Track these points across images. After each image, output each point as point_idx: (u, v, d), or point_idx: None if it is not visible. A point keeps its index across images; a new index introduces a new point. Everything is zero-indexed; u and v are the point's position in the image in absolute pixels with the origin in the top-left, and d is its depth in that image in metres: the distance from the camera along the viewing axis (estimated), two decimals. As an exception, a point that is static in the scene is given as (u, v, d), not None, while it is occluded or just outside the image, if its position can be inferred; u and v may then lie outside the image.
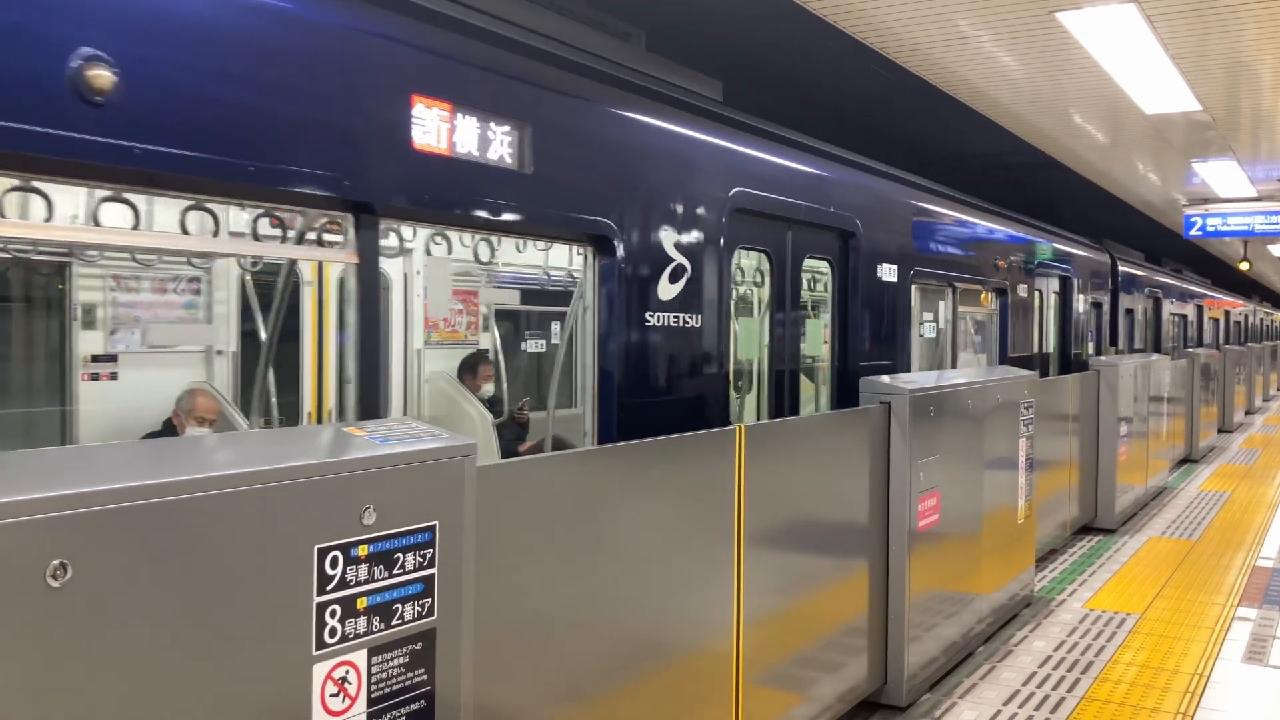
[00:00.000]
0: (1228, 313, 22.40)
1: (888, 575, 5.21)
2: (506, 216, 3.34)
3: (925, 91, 8.23)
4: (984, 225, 7.93)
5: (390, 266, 5.71)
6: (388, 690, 2.34)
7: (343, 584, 2.23)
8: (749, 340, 5.06)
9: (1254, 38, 6.90)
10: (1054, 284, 9.85)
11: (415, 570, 2.39)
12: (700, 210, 4.26)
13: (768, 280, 5.05)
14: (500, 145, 3.29)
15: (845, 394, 5.41)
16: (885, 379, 5.36)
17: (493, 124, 3.25)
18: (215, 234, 3.18)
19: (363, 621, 2.28)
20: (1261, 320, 32.24)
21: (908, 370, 6.21)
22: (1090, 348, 10.81)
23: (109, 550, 1.83)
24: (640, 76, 4.37)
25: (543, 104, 3.50)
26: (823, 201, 5.28)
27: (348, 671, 2.25)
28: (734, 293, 4.67)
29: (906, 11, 6.43)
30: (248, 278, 5.05)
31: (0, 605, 1.70)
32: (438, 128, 3.07)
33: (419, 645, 2.41)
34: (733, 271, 4.55)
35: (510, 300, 6.81)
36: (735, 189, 4.48)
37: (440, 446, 2.47)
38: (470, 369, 6.04)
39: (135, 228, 3.14)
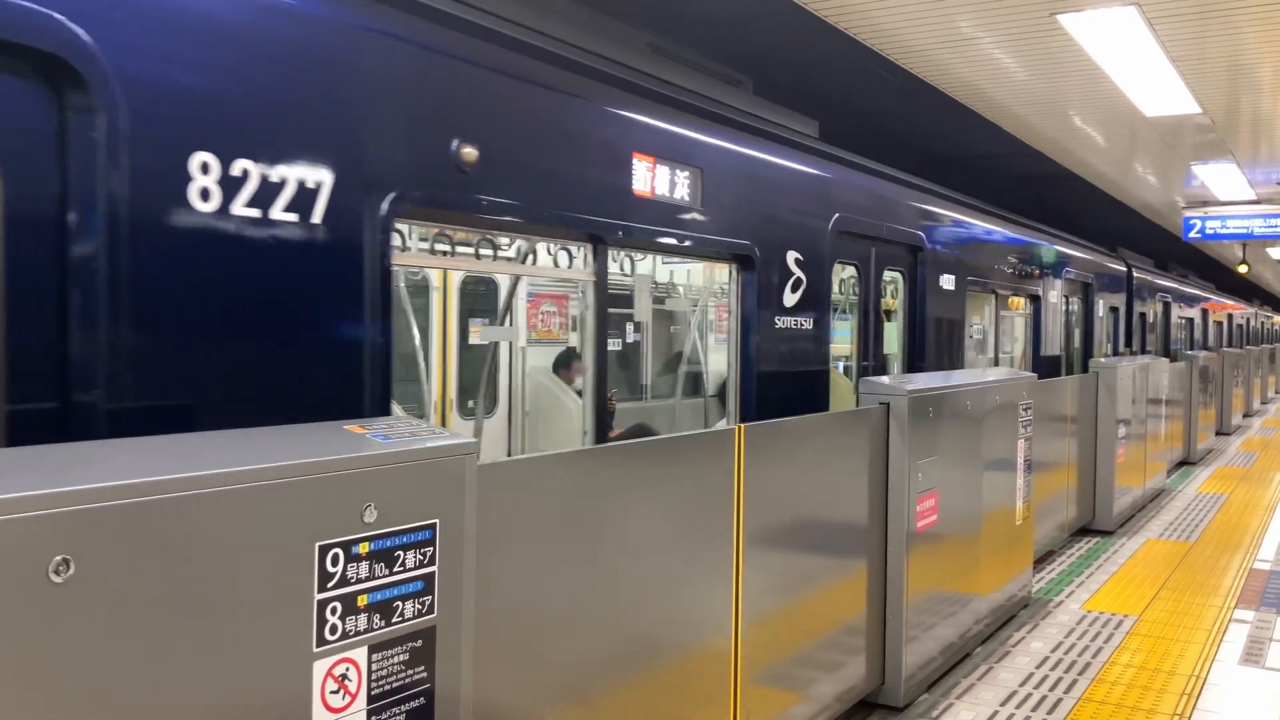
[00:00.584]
0: (1230, 316, 23.83)
1: (886, 575, 5.22)
2: (685, 243, 4.40)
3: (971, 122, 9.31)
4: (1022, 238, 8.90)
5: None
6: (388, 687, 2.35)
7: (343, 581, 2.24)
8: (843, 338, 5.90)
9: (1254, 41, 6.91)
10: (1078, 291, 10.87)
11: (416, 568, 2.40)
12: (813, 233, 5.25)
13: (856, 289, 6.02)
14: (682, 187, 4.34)
15: None
16: (884, 379, 5.37)
17: (678, 171, 4.34)
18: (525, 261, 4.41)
19: (363, 619, 2.28)
20: (1262, 323, 33.07)
21: (962, 364, 7.34)
22: (1108, 348, 11.84)
23: (111, 546, 1.84)
24: (755, 119, 5.40)
25: (707, 153, 4.56)
26: (898, 221, 6.21)
27: (348, 669, 2.26)
28: (833, 299, 5.57)
29: (907, 13, 6.44)
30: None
31: (3, 601, 1.70)
32: (646, 176, 4.15)
33: (419, 643, 2.41)
34: (833, 282, 5.50)
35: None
36: (836, 214, 5.46)
37: (441, 445, 2.48)
38: (564, 364, 7.03)
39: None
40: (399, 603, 2.36)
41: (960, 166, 12.27)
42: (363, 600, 2.28)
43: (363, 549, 2.28)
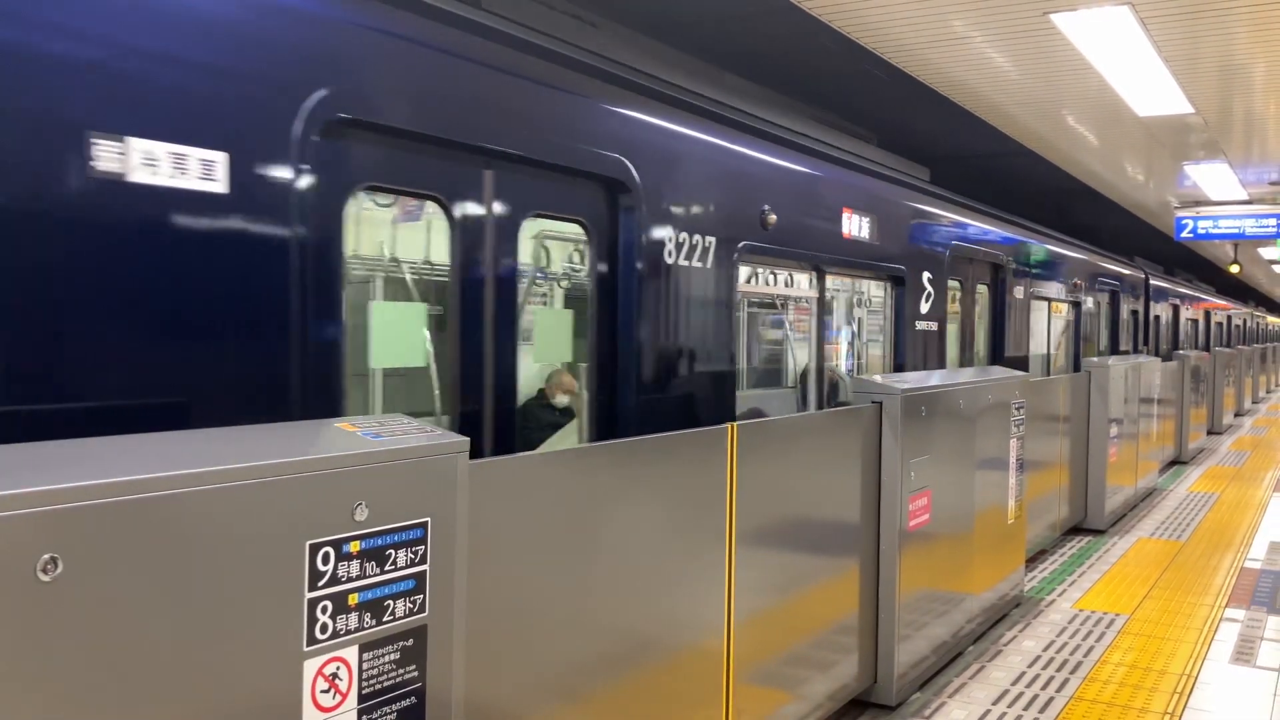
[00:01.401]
0: (1229, 317, 25.87)
1: (878, 574, 5.22)
2: (866, 269, 6.10)
3: (1009, 146, 10.91)
4: (1066, 254, 10.78)
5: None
6: (379, 686, 2.34)
7: (334, 580, 2.23)
8: (951, 339, 7.43)
9: (1246, 41, 6.93)
10: (1106, 297, 12.62)
11: (407, 567, 2.39)
12: (937, 257, 6.97)
13: (960, 300, 7.76)
14: (865, 229, 5.91)
15: None
16: (877, 378, 5.38)
17: (865, 217, 5.90)
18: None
19: (354, 618, 2.27)
20: (1257, 323, 34.95)
21: (1028, 357, 9.14)
22: (1129, 346, 13.86)
23: (100, 545, 1.83)
24: (896, 172, 7.13)
25: (878, 203, 6.09)
26: (986, 245, 8.08)
27: (339, 668, 2.25)
28: (948, 308, 7.23)
29: (900, 11, 6.44)
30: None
31: None
32: (849, 223, 5.70)
33: (410, 642, 2.40)
34: (948, 294, 7.19)
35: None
36: (953, 242, 7.27)
37: (433, 443, 2.47)
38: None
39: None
40: (390, 601, 2.35)
41: (990, 180, 13.50)
42: (353, 599, 2.27)
43: (353, 547, 2.27)
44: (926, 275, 6.73)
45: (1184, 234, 15.31)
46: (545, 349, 4.07)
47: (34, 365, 2.18)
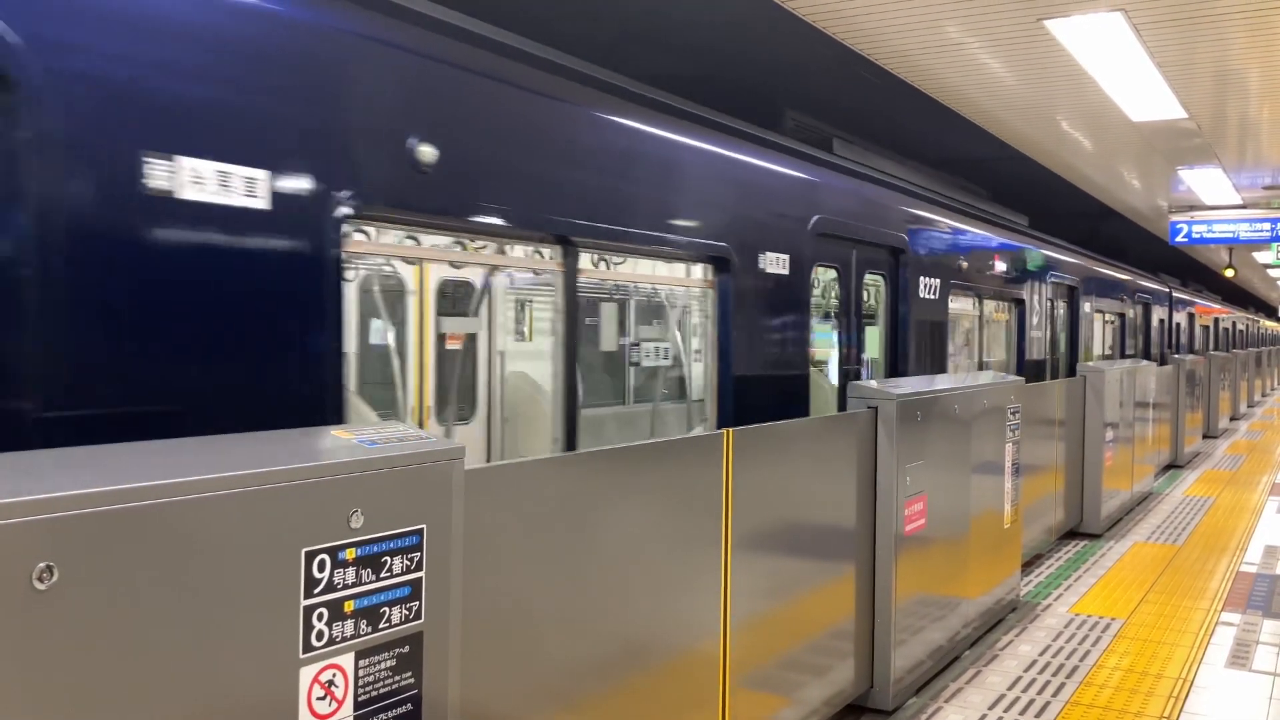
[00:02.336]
0: (1234, 322, 30.62)
1: (874, 579, 5.23)
2: (1004, 297, 9.02)
3: (1042, 174, 12.95)
4: (1115, 273, 13.81)
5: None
6: (374, 694, 2.34)
7: (330, 587, 2.23)
8: (1045, 341, 10.52)
9: (1240, 47, 6.95)
10: (1141, 308, 15.83)
11: (403, 573, 2.39)
12: (1046, 284, 10.42)
13: (1052, 315, 10.73)
14: (1005, 267, 8.62)
15: (1070, 370, 11.23)
16: (873, 383, 5.39)
17: (1004, 262, 8.80)
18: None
19: (350, 625, 2.28)
20: (1257, 327, 40.19)
21: (1091, 357, 12.12)
22: (1156, 348, 17.17)
23: (96, 553, 1.83)
24: (995, 216, 9.76)
25: (1012, 250, 9.04)
26: (1071, 274, 11.41)
27: (334, 675, 2.25)
28: (1045, 319, 10.35)
29: (894, 18, 6.47)
30: None
31: None
32: (996, 265, 8.48)
33: (406, 648, 2.41)
34: (1047, 311, 10.28)
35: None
36: (1050, 273, 10.46)
37: (428, 450, 2.48)
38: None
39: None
40: (386, 608, 2.36)
41: (1029, 206, 15.36)
42: (349, 606, 2.27)
43: (349, 554, 2.27)
44: (1033, 299, 10.06)
45: (1179, 238, 15.36)
46: (870, 347, 6.96)
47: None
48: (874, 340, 6.99)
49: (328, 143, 3.00)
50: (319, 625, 2.21)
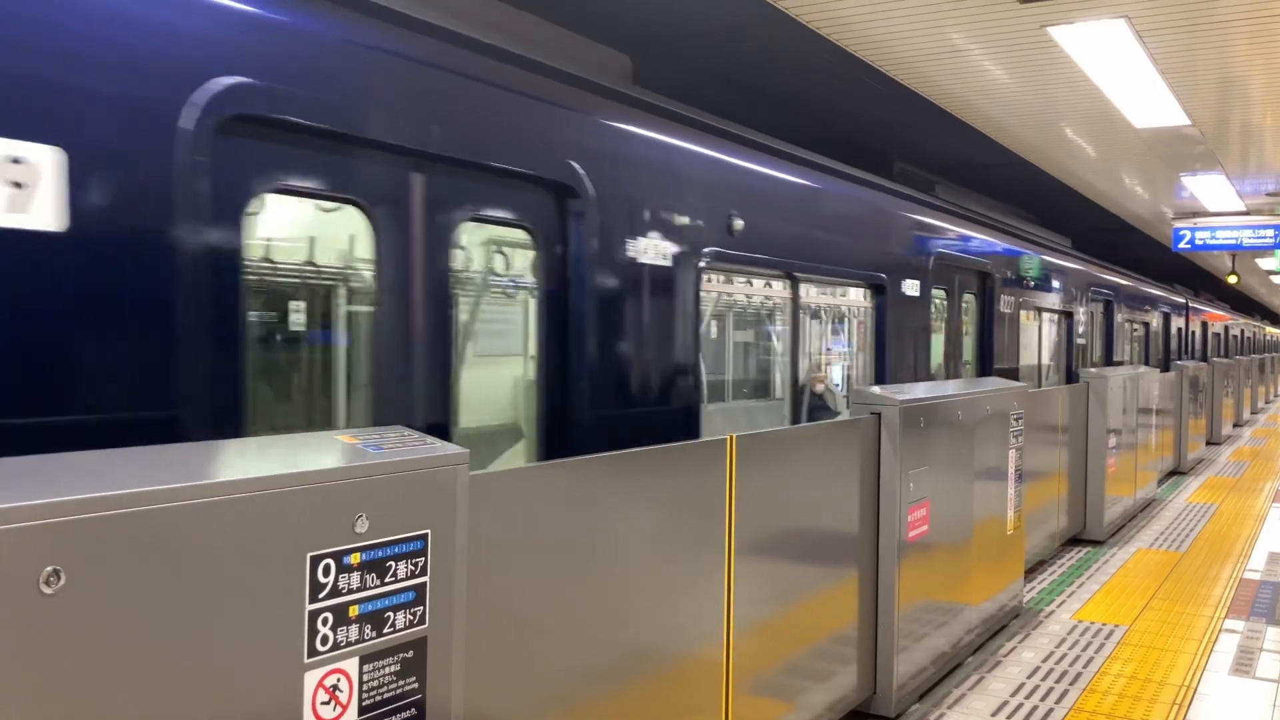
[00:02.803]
0: (1242, 329, 32.61)
1: (877, 585, 5.23)
2: (1059, 310, 11.22)
3: (1070, 196, 14.22)
4: (1142, 287, 15.87)
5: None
6: (379, 698, 2.34)
7: (335, 592, 2.24)
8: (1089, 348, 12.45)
9: (1243, 53, 6.96)
10: (1163, 317, 17.91)
11: (407, 578, 2.40)
12: (1089, 297, 12.37)
13: (1092, 324, 12.59)
14: (1063, 283, 11.18)
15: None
16: (876, 389, 5.39)
17: (1060, 279, 11.30)
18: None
19: (354, 629, 2.28)
20: (1264, 334, 42.09)
21: (1125, 360, 13.92)
22: (1176, 355, 19.16)
23: (102, 557, 1.84)
24: (1041, 237, 11.26)
25: (1069, 269, 11.71)
26: (1104, 289, 13.25)
27: (339, 679, 2.26)
28: (1081, 327, 11.98)
29: (898, 25, 6.47)
30: None
31: None
32: (1053, 282, 10.77)
33: (410, 654, 2.41)
34: (1090, 319, 12.10)
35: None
36: (1090, 287, 12.39)
37: (433, 455, 2.48)
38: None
39: None
40: (390, 613, 2.36)
41: (1059, 225, 16.22)
42: (354, 611, 2.28)
43: (354, 559, 2.28)
44: (1079, 310, 11.97)
45: (1182, 244, 15.36)
46: (967, 350, 8.52)
47: None
48: (970, 345, 8.90)
49: (699, 220, 4.77)
50: (324, 630, 2.22)
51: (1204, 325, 22.92)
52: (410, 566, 2.40)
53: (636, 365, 4.34)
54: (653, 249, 4.42)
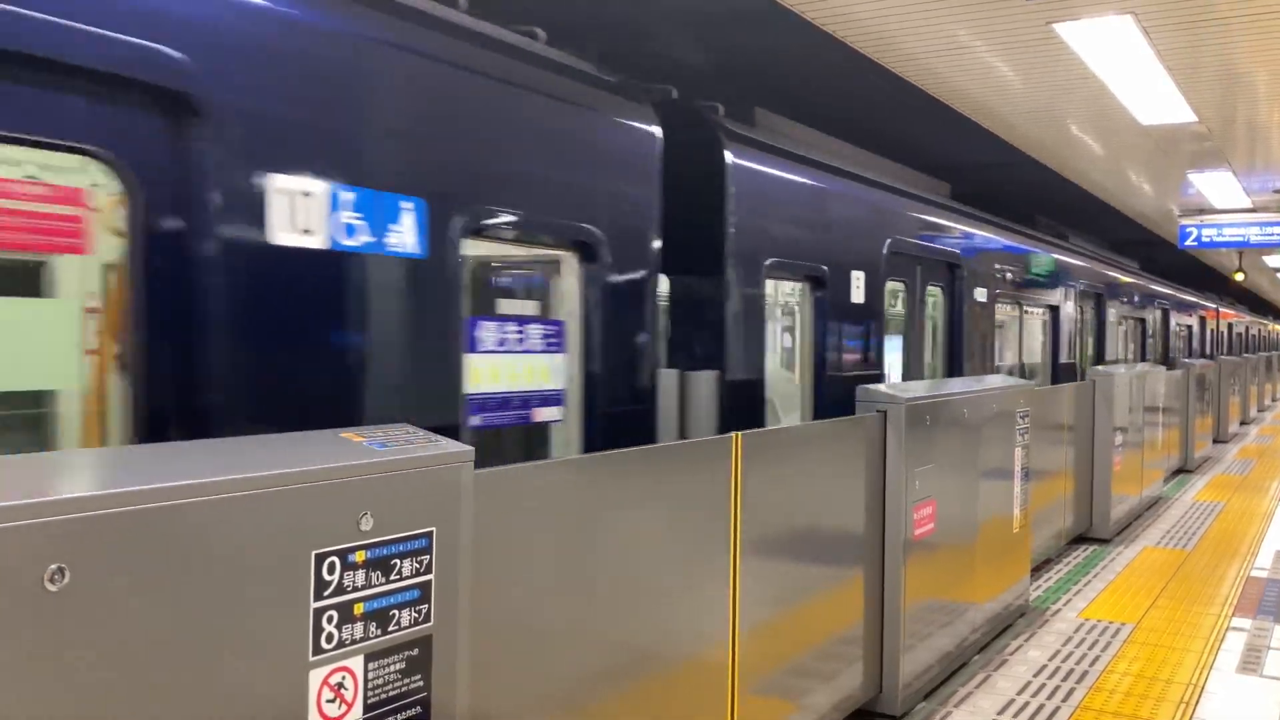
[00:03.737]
0: (1261, 328, 35.89)
1: (883, 584, 5.22)
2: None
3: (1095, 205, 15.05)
4: (1179, 295, 17.96)
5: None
6: (384, 696, 2.34)
7: (340, 590, 2.24)
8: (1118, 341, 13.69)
9: (1249, 50, 6.93)
10: (1198, 320, 20.42)
11: (412, 576, 2.39)
12: (1157, 309, 16.08)
13: (1127, 324, 14.14)
14: (1128, 296, 14.06)
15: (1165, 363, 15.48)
16: (882, 388, 5.38)
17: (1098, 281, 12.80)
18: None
19: (359, 627, 2.28)
20: (1269, 331, 43.29)
21: (1155, 358, 15.29)
22: (1203, 352, 21.63)
23: (107, 555, 1.84)
24: (1093, 251, 13.07)
25: (1121, 281, 13.85)
26: (1154, 298, 15.47)
27: (344, 677, 2.26)
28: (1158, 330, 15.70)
29: (903, 21, 6.46)
30: None
31: None
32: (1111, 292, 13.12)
33: (415, 652, 2.41)
34: (1155, 323, 15.66)
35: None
36: (1157, 300, 15.81)
37: (437, 453, 2.48)
38: None
39: None
40: (395, 611, 2.36)
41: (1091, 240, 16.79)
42: (359, 609, 2.28)
43: (359, 557, 2.27)
44: (1154, 318, 14.57)
45: (1188, 242, 15.32)
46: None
47: None
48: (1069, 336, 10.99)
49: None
50: (329, 628, 2.21)
51: (1230, 326, 25.62)
52: (415, 564, 2.40)
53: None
54: None
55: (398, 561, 2.36)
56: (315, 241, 2.77)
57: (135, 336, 2.41)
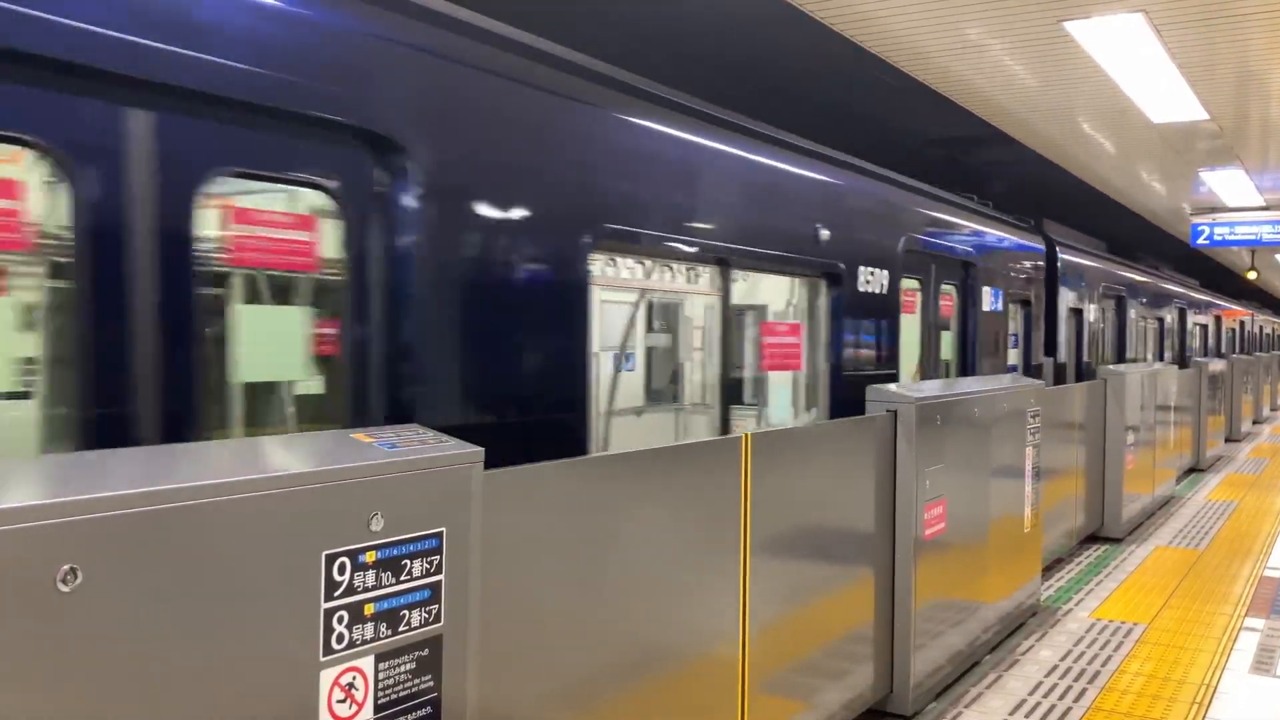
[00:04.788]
0: (1276, 327, 35.64)
1: (894, 583, 5.21)
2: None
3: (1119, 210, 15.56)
4: (1201, 296, 18.14)
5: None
6: (394, 696, 2.34)
7: (350, 590, 2.24)
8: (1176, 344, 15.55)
9: (1261, 47, 6.90)
10: (1212, 319, 20.14)
11: (422, 577, 2.40)
12: (1175, 308, 15.53)
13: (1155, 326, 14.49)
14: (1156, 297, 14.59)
15: (1184, 364, 15.43)
16: (892, 387, 5.37)
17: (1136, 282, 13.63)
18: None
19: (370, 628, 2.28)
20: None
21: (1173, 357, 15.67)
22: (1230, 351, 22.40)
23: (119, 556, 1.84)
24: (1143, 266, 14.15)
25: (1164, 290, 15.11)
26: (1191, 304, 16.53)
27: (355, 677, 2.26)
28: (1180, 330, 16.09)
29: (915, 20, 6.44)
30: None
31: (11, 610, 1.70)
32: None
33: (426, 652, 2.41)
34: (1175, 322, 15.55)
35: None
36: (1175, 300, 15.33)
37: (447, 454, 2.48)
38: None
39: None
40: (405, 611, 2.36)
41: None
42: (369, 609, 2.28)
43: (369, 558, 2.28)
44: (1173, 317, 14.74)
45: (1200, 240, 15.24)
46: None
47: None
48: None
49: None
50: (339, 628, 2.22)
51: (1261, 327, 26.28)
52: (425, 565, 2.40)
53: None
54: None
55: (408, 562, 2.36)
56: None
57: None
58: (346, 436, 2.54)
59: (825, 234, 4.99)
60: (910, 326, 6.40)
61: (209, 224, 2.47)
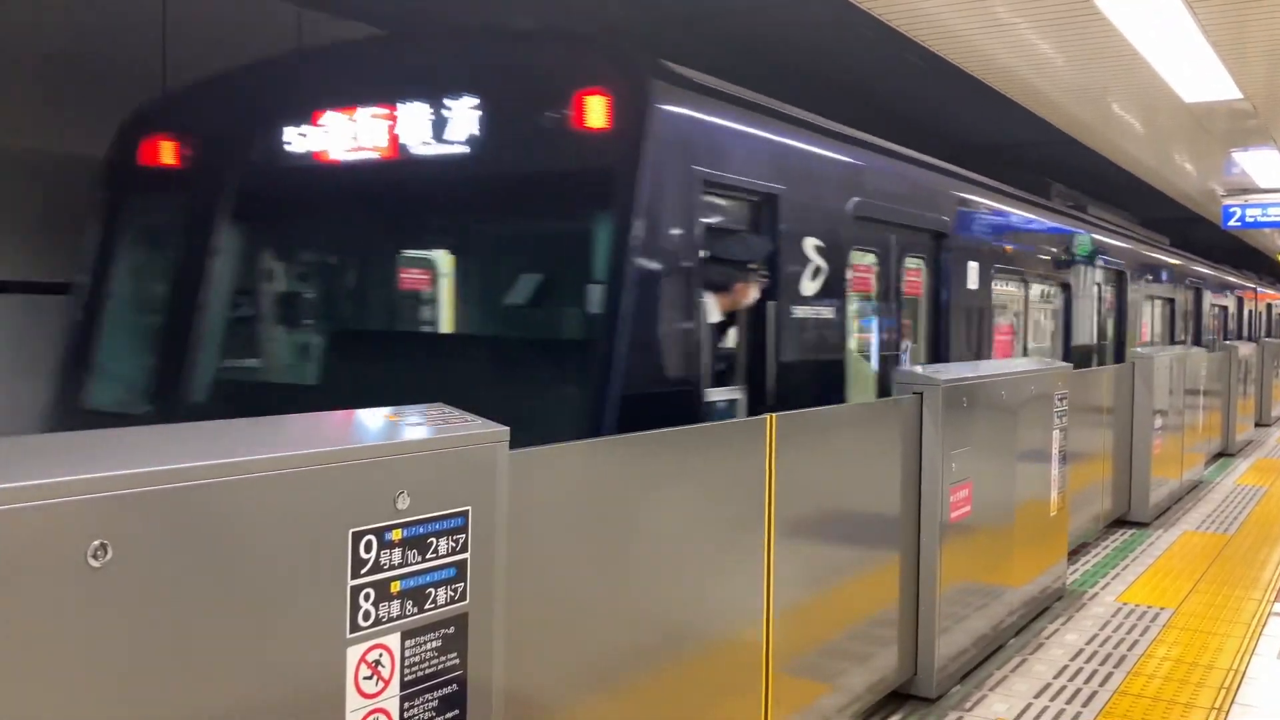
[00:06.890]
0: None
1: (919, 566, 5.19)
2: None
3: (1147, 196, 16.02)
4: (1214, 274, 18.73)
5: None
6: (420, 674, 2.35)
7: (377, 568, 2.25)
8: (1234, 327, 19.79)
9: (1298, 24, 6.78)
10: (1235, 300, 21.06)
11: (448, 555, 2.41)
12: (1231, 297, 20.39)
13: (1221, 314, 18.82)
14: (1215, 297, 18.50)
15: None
16: (919, 369, 5.34)
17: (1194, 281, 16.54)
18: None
19: (396, 605, 2.29)
20: None
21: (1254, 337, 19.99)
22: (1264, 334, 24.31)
23: (149, 531, 1.86)
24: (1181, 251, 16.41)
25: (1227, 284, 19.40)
26: (1242, 294, 21.64)
27: (381, 654, 2.27)
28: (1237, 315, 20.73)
29: (943, -2, 6.37)
30: None
31: (43, 584, 1.72)
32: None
33: (451, 629, 2.42)
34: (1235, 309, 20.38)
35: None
36: (1228, 290, 20.21)
37: (474, 433, 2.48)
38: None
39: None
40: (431, 589, 2.37)
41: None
42: (396, 587, 2.29)
43: (396, 536, 2.29)
44: (1217, 299, 16.50)
45: (1231, 222, 15.07)
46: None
47: None
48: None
49: None
50: (366, 605, 2.23)
51: (1240, 302, 26.36)
52: (451, 543, 2.41)
53: None
54: None
55: (434, 540, 2.37)
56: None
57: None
58: (374, 414, 2.55)
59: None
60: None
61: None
